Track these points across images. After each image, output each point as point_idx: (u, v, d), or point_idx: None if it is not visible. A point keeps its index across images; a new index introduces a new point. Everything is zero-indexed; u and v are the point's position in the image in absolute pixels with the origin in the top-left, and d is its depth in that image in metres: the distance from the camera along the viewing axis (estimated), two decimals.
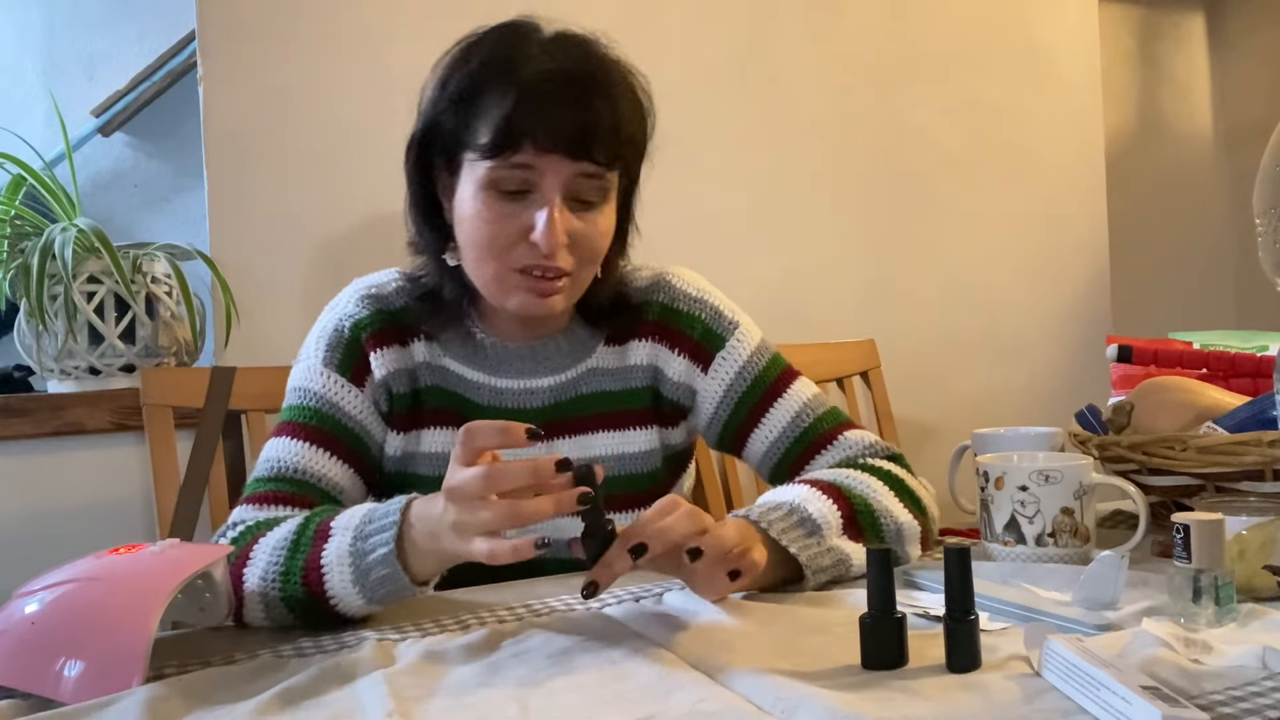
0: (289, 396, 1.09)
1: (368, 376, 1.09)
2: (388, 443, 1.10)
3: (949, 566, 0.73)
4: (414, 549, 0.85)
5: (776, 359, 1.18)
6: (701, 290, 1.18)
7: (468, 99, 1.01)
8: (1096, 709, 0.63)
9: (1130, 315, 2.44)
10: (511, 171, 0.99)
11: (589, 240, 1.03)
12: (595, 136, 0.99)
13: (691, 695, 0.69)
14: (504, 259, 1.02)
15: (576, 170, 0.99)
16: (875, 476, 1.05)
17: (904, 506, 1.04)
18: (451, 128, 1.02)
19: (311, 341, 1.11)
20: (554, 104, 0.98)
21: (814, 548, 0.94)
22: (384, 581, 0.85)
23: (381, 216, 1.68)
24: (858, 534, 0.99)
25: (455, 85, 1.02)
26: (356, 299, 1.11)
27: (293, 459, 1.03)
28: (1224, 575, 0.79)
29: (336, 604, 0.87)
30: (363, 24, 1.69)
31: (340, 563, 0.86)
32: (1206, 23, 2.79)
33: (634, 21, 1.84)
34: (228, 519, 1.01)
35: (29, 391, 1.65)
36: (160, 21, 1.86)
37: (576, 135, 0.98)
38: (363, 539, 0.86)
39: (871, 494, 1.02)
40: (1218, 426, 1.12)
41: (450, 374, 1.12)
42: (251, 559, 0.91)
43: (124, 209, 1.89)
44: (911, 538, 1.03)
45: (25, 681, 0.75)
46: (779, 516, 0.95)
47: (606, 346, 1.16)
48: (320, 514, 0.93)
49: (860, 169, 2.09)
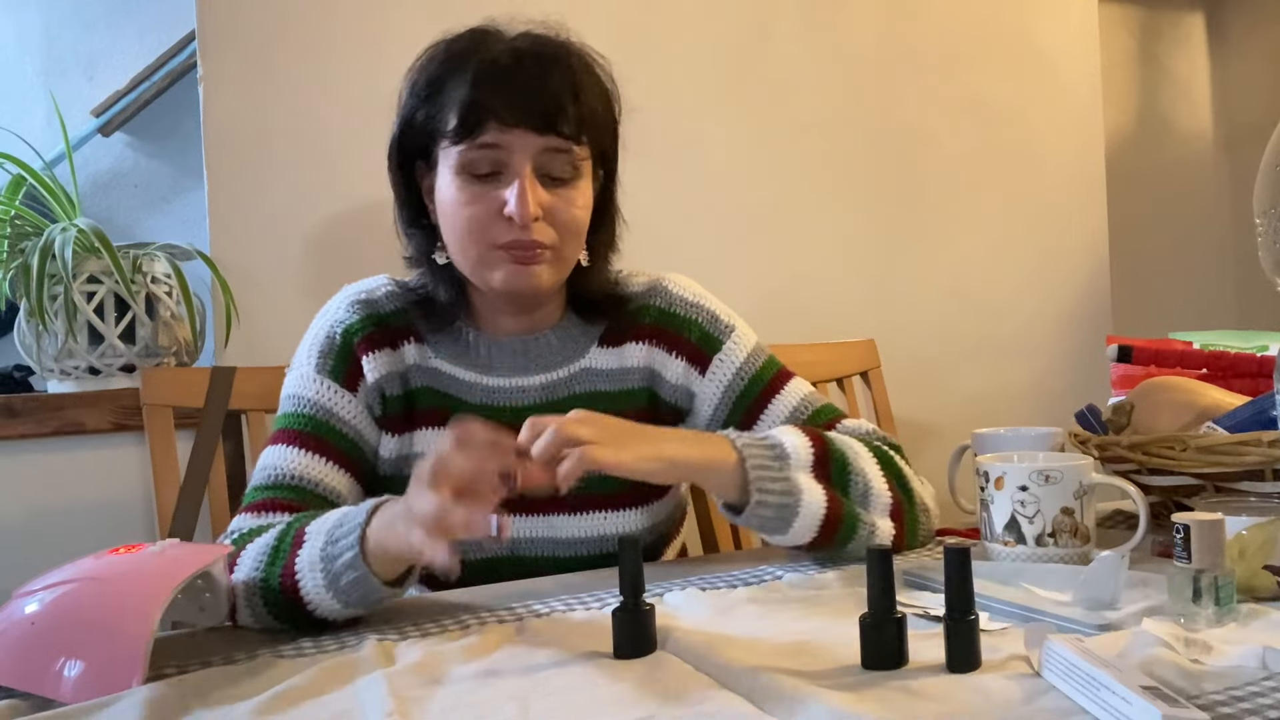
0: (283, 405, 1.10)
1: (360, 381, 1.10)
2: (382, 445, 1.11)
3: (949, 566, 0.73)
4: (376, 547, 0.85)
5: (772, 360, 1.19)
6: (697, 295, 1.20)
7: (433, 90, 1.06)
8: (1096, 709, 0.63)
9: (1130, 315, 2.44)
10: (481, 153, 1.03)
11: (565, 214, 1.06)
12: (558, 109, 1.03)
13: (692, 695, 0.69)
14: (483, 238, 1.05)
15: (544, 145, 1.03)
16: (866, 447, 1.07)
17: (884, 477, 1.05)
18: (422, 121, 1.07)
19: (304, 349, 1.12)
20: (513, 80, 1.02)
21: (770, 470, 0.98)
22: (355, 585, 0.86)
23: (381, 217, 1.67)
24: (825, 480, 1.01)
25: (422, 80, 1.07)
26: (347, 305, 1.13)
27: (289, 466, 1.04)
28: (1224, 575, 0.79)
29: (314, 609, 0.87)
30: (363, 24, 1.69)
31: (312, 568, 0.87)
32: (1206, 23, 2.79)
33: (634, 22, 1.84)
34: (227, 527, 1.01)
35: (29, 391, 1.65)
36: (160, 21, 1.86)
37: (538, 108, 1.02)
38: (332, 543, 0.87)
39: (854, 455, 1.05)
40: (1218, 426, 1.12)
41: (442, 375, 1.13)
42: (239, 565, 0.92)
43: (124, 209, 1.89)
44: (880, 506, 1.04)
45: (25, 681, 0.75)
46: (752, 439, 1.00)
47: (601, 348, 1.16)
48: (300, 520, 0.93)
49: (860, 169, 2.09)
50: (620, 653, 0.78)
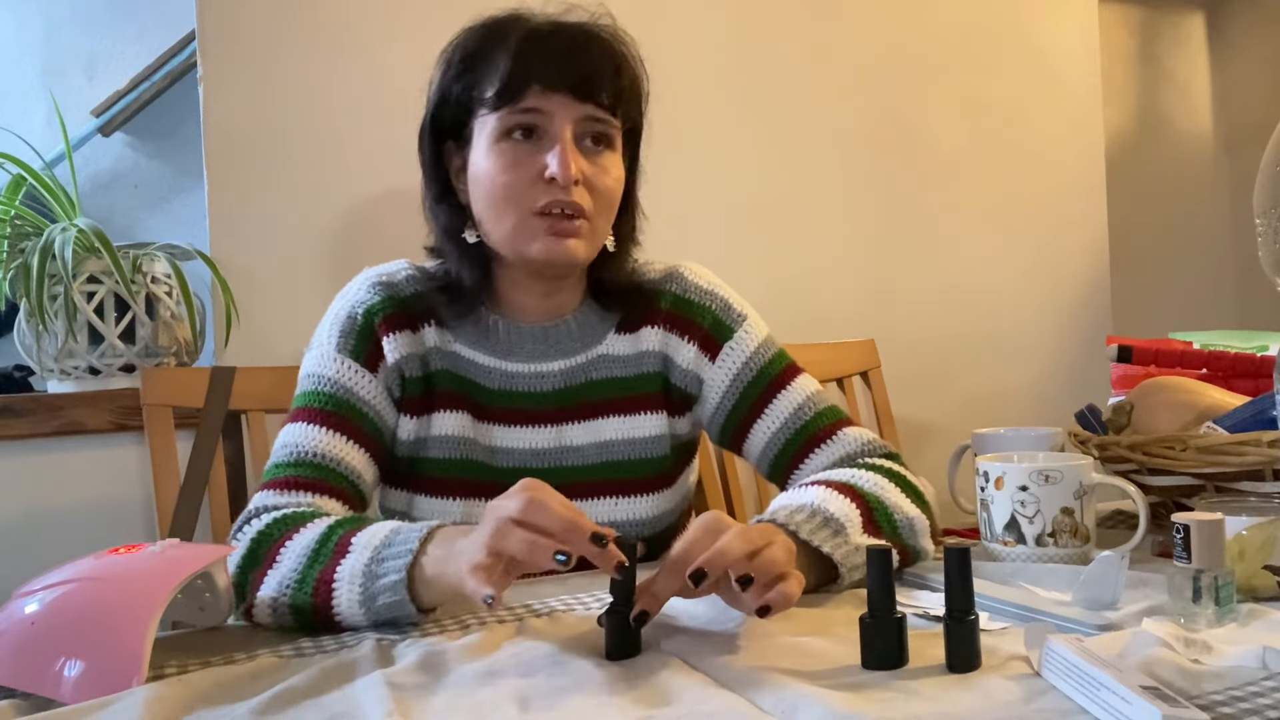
0: (303, 383, 1.10)
1: (381, 361, 1.10)
2: (400, 427, 1.12)
3: (949, 566, 0.73)
4: (423, 577, 0.85)
5: (781, 354, 1.20)
6: (712, 284, 1.21)
7: (472, 61, 1.07)
8: (1096, 709, 0.63)
9: (1130, 315, 2.44)
10: (522, 116, 1.05)
11: (602, 182, 1.07)
12: (600, 77, 1.05)
13: (691, 695, 0.69)
14: (522, 203, 1.05)
15: (583, 113, 1.05)
16: (880, 474, 1.05)
17: (911, 502, 1.04)
18: (459, 94, 1.08)
19: (324, 329, 1.13)
20: (557, 48, 1.05)
21: (844, 546, 0.94)
22: (390, 608, 0.86)
23: (382, 216, 1.68)
24: (876, 531, 0.99)
25: (458, 56, 1.09)
26: (368, 286, 1.13)
27: (310, 444, 1.04)
28: (1224, 575, 0.79)
29: (341, 620, 0.88)
30: (363, 24, 1.69)
31: (352, 581, 0.87)
32: (1206, 23, 2.79)
33: (634, 22, 1.84)
34: (249, 504, 1.01)
35: (29, 391, 1.65)
36: (160, 21, 1.86)
37: (581, 76, 1.04)
38: (378, 562, 0.87)
39: (882, 491, 1.03)
40: (1218, 426, 1.12)
41: (461, 359, 1.13)
42: (278, 562, 0.91)
43: (124, 209, 1.89)
44: (923, 531, 1.03)
45: (25, 681, 0.75)
46: (804, 518, 0.94)
47: (618, 334, 1.17)
48: (345, 525, 0.93)
49: (860, 169, 2.09)
50: (610, 655, 0.78)
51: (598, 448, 1.14)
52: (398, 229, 1.62)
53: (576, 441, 1.14)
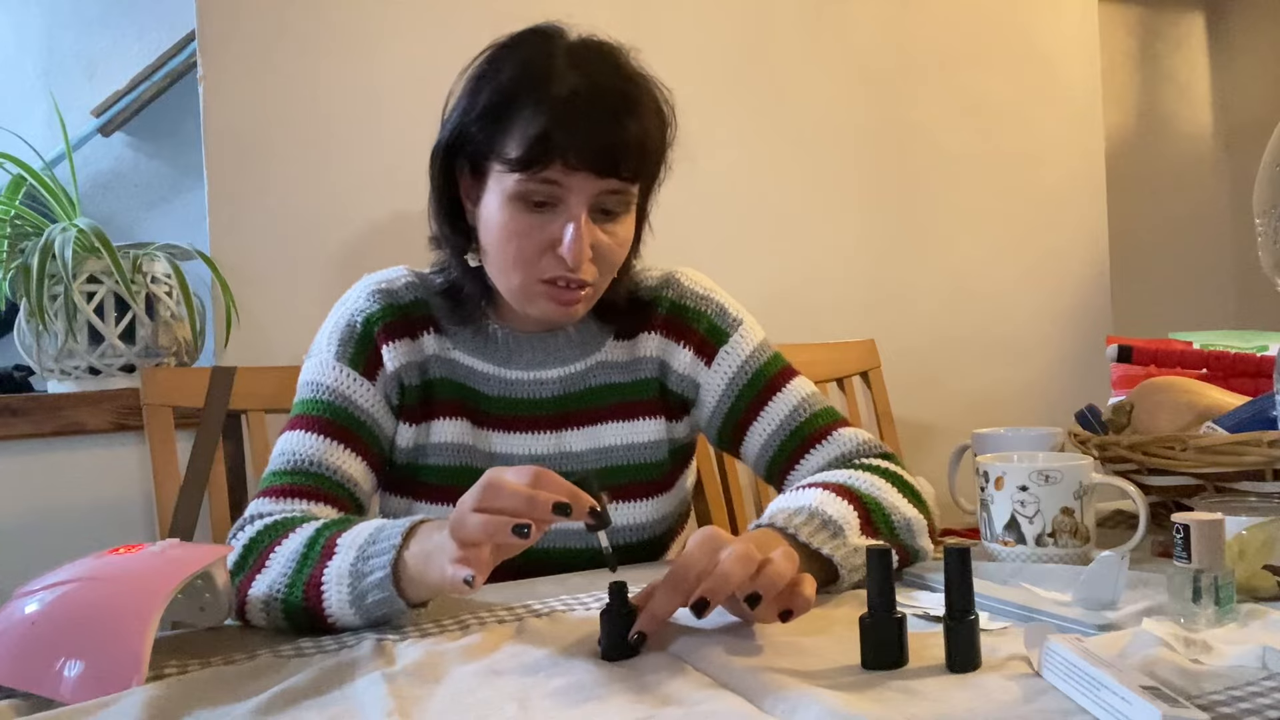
0: (301, 391, 1.10)
1: (379, 370, 1.10)
2: (399, 434, 1.12)
3: (949, 566, 0.73)
4: (407, 572, 0.85)
5: (777, 357, 1.20)
6: (708, 289, 1.21)
7: (498, 112, 1.02)
8: (1096, 709, 0.63)
9: (1130, 315, 2.44)
10: (540, 186, 1.01)
11: (611, 252, 1.06)
12: (623, 154, 1.01)
13: (691, 695, 0.69)
14: (530, 270, 1.04)
15: (603, 188, 1.02)
16: (876, 475, 1.05)
17: (909, 502, 1.04)
18: (481, 139, 1.04)
19: (323, 337, 1.13)
20: (586, 123, 0.99)
21: (843, 548, 0.94)
22: (380, 604, 0.86)
23: (381, 216, 1.68)
24: (874, 532, 0.99)
25: (486, 98, 1.03)
26: (367, 294, 1.13)
27: (308, 452, 1.04)
28: (1224, 575, 0.79)
29: (333, 621, 0.88)
30: (362, 25, 1.69)
31: (339, 581, 0.87)
32: (1206, 23, 2.79)
33: (634, 23, 1.84)
34: (245, 511, 1.01)
35: (29, 391, 1.65)
36: (160, 21, 1.86)
37: (605, 154, 1.00)
38: (363, 560, 0.87)
39: (879, 492, 1.03)
40: (1218, 426, 1.12)
41: (460, 366, 1.13)
42: (267, 566, 0.92)
43: (124, 209, 1.89)
44: (921, 531, 1.03)
45: (25, 681, 0.75)
46: (803, 521, 0.94)
47: (616, 341, 1.18)
48: (332, 527, 0.93)
49: (860, 169, 2.09)
50: (607, 655, 0.78)
51: (597, 453, 1.14)
52: (398, 229, 1.62)
53: (576, 447, 1.14)
